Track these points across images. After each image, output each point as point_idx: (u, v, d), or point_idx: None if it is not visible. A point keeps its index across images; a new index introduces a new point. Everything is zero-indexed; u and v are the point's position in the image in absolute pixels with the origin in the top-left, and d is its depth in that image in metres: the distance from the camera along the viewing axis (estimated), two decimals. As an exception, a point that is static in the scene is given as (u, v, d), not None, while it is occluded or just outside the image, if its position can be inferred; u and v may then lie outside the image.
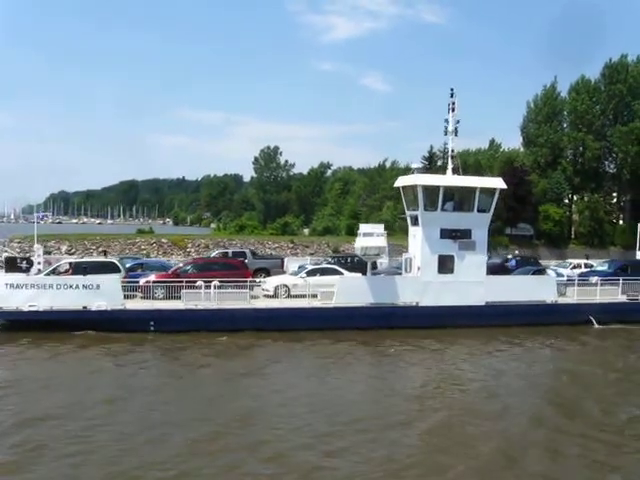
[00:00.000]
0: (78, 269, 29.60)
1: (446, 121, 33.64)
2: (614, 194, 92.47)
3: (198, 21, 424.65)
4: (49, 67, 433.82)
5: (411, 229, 33.60)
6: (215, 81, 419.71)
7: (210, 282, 29.62)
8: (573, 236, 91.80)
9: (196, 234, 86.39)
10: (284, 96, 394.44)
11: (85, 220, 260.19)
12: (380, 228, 39.09)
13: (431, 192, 32.14)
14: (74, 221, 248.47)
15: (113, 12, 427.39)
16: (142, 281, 30.57)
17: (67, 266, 30.83)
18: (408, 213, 33.73)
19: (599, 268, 40.34)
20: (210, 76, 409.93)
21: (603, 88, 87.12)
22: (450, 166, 33.35)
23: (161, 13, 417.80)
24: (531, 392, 22.12)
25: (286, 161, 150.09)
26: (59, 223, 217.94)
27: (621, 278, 34.88)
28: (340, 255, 40.35)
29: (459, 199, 33.06)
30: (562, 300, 33.84)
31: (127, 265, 34.67)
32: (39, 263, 32.94)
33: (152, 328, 28.44)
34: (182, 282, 29.69)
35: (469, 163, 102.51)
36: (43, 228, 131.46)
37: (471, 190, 32.52)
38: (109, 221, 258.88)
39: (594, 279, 35.17)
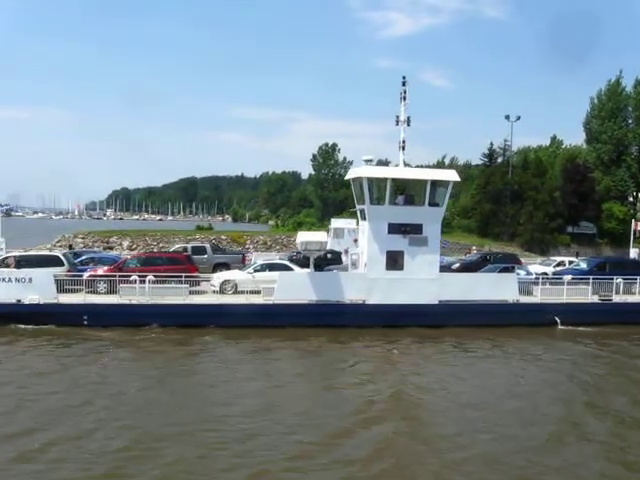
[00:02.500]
0: (17, 262, 31.14)
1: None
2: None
3: (254, 18, 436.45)
4: (107, 64, 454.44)
5: (360, 224, 33.71)
6: (273, 78, 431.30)
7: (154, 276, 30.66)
8: (638, 235, 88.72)
9: (255, 231, 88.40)
10: (342, 93, 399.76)
11: (146, 216, 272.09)
12: (352, 223, 39.40)
13: (378, 185, 32.11)
14: (135, 217, 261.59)
15: (172, 9, 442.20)
16: (85, 275, 31.80)
17: (12, 259, 32.41)
18: (358, 207, 33.73)
19: (580, 266, 38.87)
20: (268, 73, 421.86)
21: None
22: (401, 158, 33.09)
23: (219, 12, 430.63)
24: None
25: (344, 158, 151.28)
26: (120, 219, 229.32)
27: (591, 277, 33.74)
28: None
29: (410, 192, 32.83)
30: (526, 300, 33.09)
31: (82, 258, 36.14)
32: (-1, 257, 34.76)
33: (85, 322, 29.60)
34: (115, 276, 30.80)
35: (530, 160, 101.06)
36: (106, 224, 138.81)
37: (422, 183, 32.29)
38: (169, 217, 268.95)
39: (567, 277, 34.12)
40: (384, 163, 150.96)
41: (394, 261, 32.00)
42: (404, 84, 32.77)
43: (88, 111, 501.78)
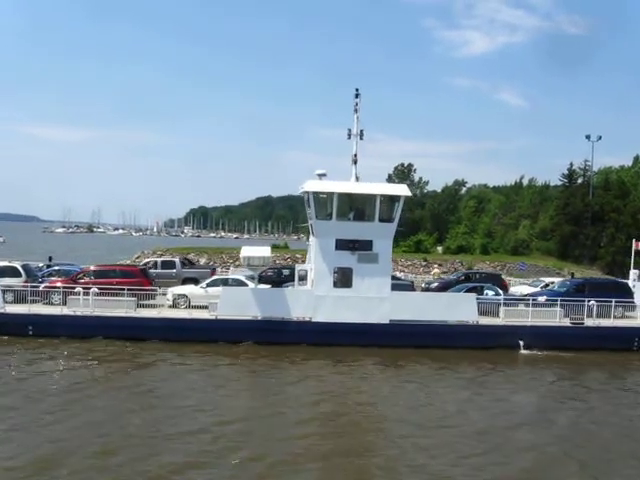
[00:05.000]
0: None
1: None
2: None
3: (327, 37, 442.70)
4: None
5: (310, 239, 33.55)
6: (347, 98, 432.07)
7: (107, 289, 31.80)
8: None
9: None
10: (416, 112, 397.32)
11: (223, 234, 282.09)
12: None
13: (325, 199, 32.02)
14: (212, 235, 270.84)
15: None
16: (42, 286, 33.22)
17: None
18: (309, 222, 33.62)
19: (564, 287, 37.01)
20: (341, 93, 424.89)
21: None
22: (353, 172, 32.90)
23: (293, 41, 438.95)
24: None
25: (420, 178, 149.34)
26: (198, 237, 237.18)
27: (559, 299, 32.30)
28: (280, 267, 40.34)
29: (360, 208, 32.53)
30: (487, 321, 32.04)
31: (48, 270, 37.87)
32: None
33: (30, 332, 30.83)
34: (59, 287, 32.19)
35: (611, 181, 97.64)
36: (184, 242, 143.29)
37: (371, 198, 31.95)
38: (245, 236, 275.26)
39: (541, 299, 32.81)
40: (461, 183, 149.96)
41: (342, 278, 31.72)
42: (357, 96, 32.82)
43: (170, 132, 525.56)
